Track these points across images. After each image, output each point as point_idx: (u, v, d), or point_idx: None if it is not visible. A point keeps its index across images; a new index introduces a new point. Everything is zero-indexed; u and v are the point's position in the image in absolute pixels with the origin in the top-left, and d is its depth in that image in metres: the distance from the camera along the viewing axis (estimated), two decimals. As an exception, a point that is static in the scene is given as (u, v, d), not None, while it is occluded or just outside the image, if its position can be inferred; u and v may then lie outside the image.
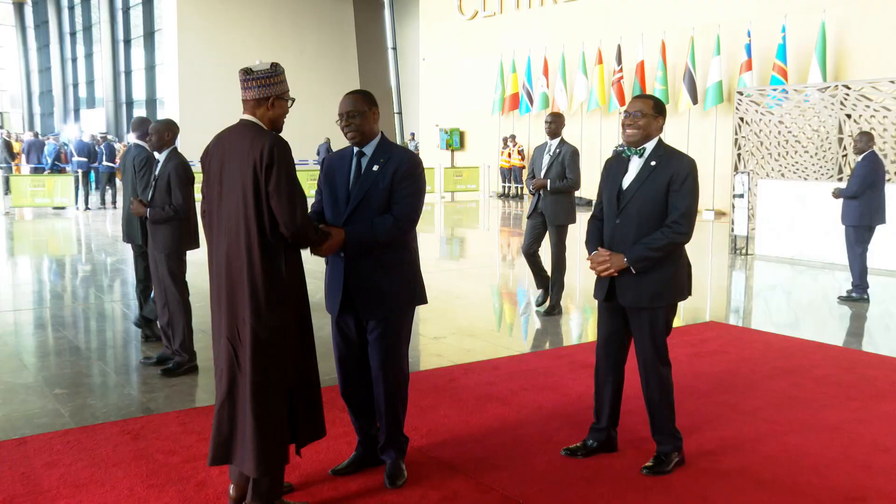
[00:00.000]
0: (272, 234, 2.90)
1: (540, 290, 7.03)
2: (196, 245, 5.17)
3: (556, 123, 6.63)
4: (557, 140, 6.66)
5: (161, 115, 35.47)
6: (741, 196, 10.88)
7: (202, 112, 28.88)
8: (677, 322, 6.87)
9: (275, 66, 2.98)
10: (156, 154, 5.09)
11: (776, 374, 5.02)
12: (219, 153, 3.01)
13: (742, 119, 11.56)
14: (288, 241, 2.95)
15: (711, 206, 16.35)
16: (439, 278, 8.77)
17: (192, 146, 23.75)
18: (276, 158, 2.84)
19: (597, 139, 19.20)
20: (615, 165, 3.56)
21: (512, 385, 4.76)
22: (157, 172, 5.01)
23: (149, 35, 37.48)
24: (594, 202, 3.72)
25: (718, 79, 16.21)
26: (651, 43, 17.71)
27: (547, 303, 6.96)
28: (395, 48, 36.17)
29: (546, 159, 6.66)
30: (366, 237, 3.19)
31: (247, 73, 2.95)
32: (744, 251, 10.80)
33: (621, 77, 18.17)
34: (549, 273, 6.89)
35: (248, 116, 2.98)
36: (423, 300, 3.40)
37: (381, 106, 3.48)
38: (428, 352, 5.67)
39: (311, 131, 27.07)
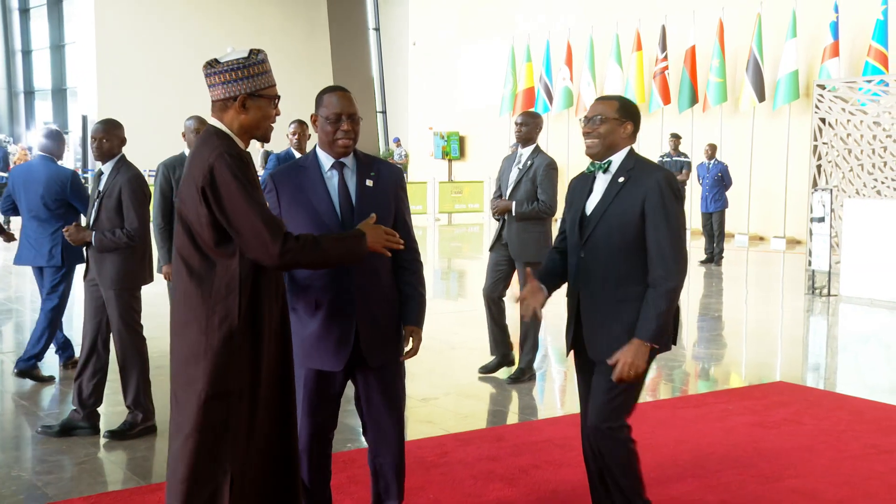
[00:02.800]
0: (199, 274, 2.94)
1: (493, 357, 6.68)
2: (152, 278, 5.21)
3: (528, 126, 6.36)
4: (530, 148, 6.41)
5: (73, 109, 35.58)
6: (821, 220, 10.93)
7: (127, 107, 28.93)
8: (737, 381, 6.89)
9: (254, 53, 3.00)
10: (98, 165, 5.16)
11: (869, 454, 5.00)
12: (183, 171, 3.12)
13: (824, 120, 11.66)
14: (234, 284, 2.97)
15: (782, 233, 16.45)
16: (431, 323, 8.72)
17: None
18: (219, 183, 2.86)
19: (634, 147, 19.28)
20: (579, 185, 3.62)
21: (520, 461, 4.77)
22: (101, 187, 5.08)
23: (55, 3, 37.62)
24: (559, 229, 3.76)
25: (793, 68, 16.32)
26: (705, 23, 17.88)
27: (514, 366, 6.57)
28: (377, 29, 36.51)
29: (514, 173, 6.44)
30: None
31: (210, 66, 3.00)
32: (824, 291, 10.85)
33: (666, 67, 18.35)
34: (521, 328, 6.48)
35: (214, 121, 3.04)
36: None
37: (359, 102, 3.60)
38: (415, 417, 5.67)
39: (273, 133, 27.12)
